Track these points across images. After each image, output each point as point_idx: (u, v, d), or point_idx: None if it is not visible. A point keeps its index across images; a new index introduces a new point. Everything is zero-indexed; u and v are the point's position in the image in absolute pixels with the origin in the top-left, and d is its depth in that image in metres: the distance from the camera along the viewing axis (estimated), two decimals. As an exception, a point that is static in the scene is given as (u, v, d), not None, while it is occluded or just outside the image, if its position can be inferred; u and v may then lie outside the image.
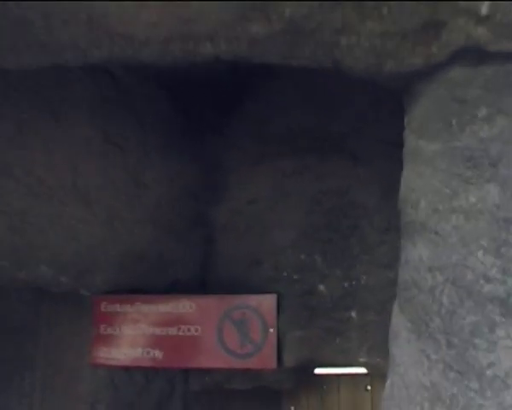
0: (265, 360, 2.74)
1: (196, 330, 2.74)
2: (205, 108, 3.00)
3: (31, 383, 2.95)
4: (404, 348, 1.68)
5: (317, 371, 2.98)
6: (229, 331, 2.74)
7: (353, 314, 2.73)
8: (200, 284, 2.96)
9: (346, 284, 2.76)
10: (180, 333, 2.74)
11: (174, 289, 2.87)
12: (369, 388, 3.04)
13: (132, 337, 2.76)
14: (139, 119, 2.81)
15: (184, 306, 2.76)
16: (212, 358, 2.74)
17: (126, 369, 2.83)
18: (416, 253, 1.68)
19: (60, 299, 2.91)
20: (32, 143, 2.54)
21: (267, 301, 2.77)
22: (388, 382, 1.74)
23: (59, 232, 2.59)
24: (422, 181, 1.69)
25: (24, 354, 2.97)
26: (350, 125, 2.85)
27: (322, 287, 2.79)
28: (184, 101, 2.93)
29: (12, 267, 2.58)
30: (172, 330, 2.74)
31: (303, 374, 2.95)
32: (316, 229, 2.83)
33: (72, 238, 2.63)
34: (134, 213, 2.75)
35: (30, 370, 2.96)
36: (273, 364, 2.75)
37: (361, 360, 2.74)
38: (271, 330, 2.74)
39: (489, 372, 1.49)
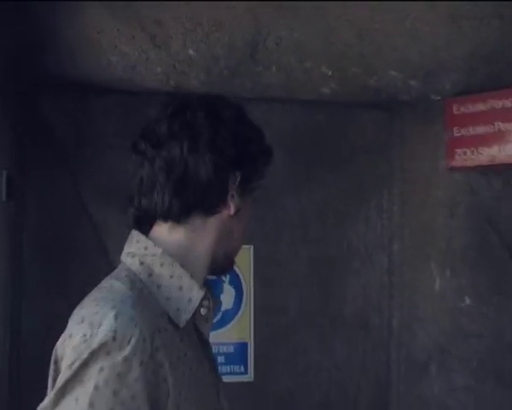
0: None
1: None
2: None
3: (389, 199, 3.05)
4: None
5: None
6: None
7: None
8: None
9: None
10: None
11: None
12: None
13: (487, 136, 2.63)
14: None
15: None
16: None
17: (483, 173, 2.72)
18: None
19: (409, 113, 2.89)
20: None
21: None
22: None
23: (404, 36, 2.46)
24: None
25: (379, 173, 3.04)
26: None
27: None
28: None
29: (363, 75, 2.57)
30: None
31: None
32: None
33: (416, 41, 2.49)
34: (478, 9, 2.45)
35: (387, 187, 3.04)
36: None
37: None
38: None
39: None
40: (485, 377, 2.69)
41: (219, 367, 1.57)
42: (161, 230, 1.26)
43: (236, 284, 2.86)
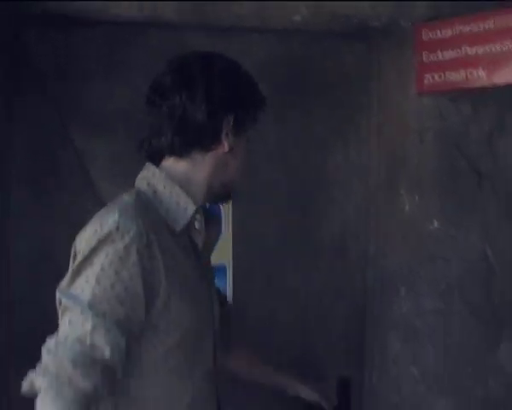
0: None
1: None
2: None
3: (366, 128, 3.10)
4: None
5: None
6: None
7: None
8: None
9: None
10: (505, 49, 2.52)
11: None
12: None
13: (455, 61, 2.66)
14: None
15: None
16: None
17: (452, 99, 2.76)
18: None
19: (384, 41, 2.91)
20: None
21: None
22: None
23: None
24: None
25: (357, 102, 3.09)
26: None
27: None
28: None
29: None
30: (496, 48, 2.55)
31: None
32: None
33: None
34: None
35: (365, 117, 3.09)
36: None
37: None
38: None
39: None
40: (452, 300, 2.76)
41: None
42: (167, 163, 1.59)
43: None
